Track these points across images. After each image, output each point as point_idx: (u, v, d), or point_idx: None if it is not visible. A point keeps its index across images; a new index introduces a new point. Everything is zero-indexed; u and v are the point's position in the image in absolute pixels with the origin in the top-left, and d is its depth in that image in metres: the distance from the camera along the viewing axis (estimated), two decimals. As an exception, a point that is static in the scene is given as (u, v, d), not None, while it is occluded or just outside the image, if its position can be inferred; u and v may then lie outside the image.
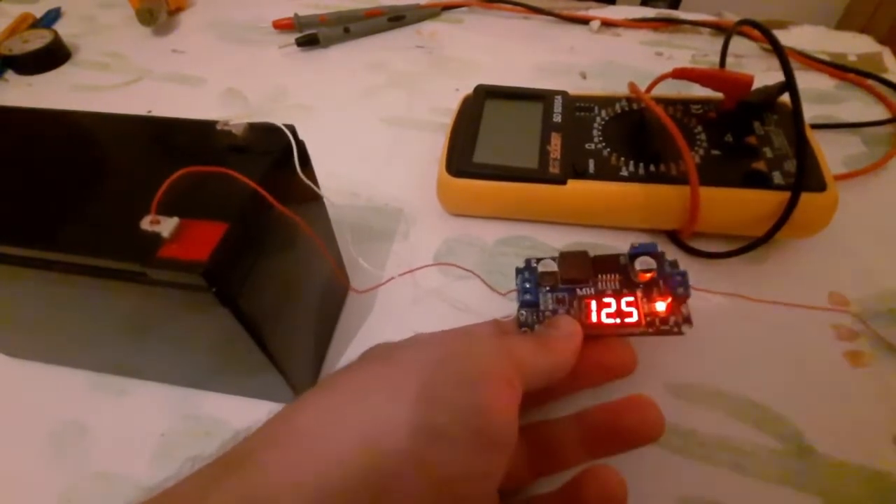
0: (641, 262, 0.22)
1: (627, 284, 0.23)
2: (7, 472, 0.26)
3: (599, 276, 0.23)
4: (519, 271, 0.24)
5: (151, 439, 0.26)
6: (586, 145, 0.33)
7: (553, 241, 0.33)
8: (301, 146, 0.22)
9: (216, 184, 0.19)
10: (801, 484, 0.23)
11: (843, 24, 1.05)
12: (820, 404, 0.25)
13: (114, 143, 0.23)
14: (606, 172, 0.31)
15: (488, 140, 0.34)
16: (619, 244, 0.32)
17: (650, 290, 0.22)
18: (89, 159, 0.22)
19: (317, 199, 0.26)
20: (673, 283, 0.22)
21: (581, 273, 0.23)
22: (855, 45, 0.46)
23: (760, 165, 0.29)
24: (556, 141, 0.33)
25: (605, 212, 0.32)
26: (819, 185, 0.28)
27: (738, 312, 0.29)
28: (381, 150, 0.40)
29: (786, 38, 0.45)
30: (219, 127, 0.22)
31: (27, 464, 0.26)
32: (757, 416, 0.25)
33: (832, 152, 0.32)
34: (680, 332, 0.22)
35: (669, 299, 0.22)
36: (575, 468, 0.21)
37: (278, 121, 0.22)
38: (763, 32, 0.30)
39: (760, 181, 0.29)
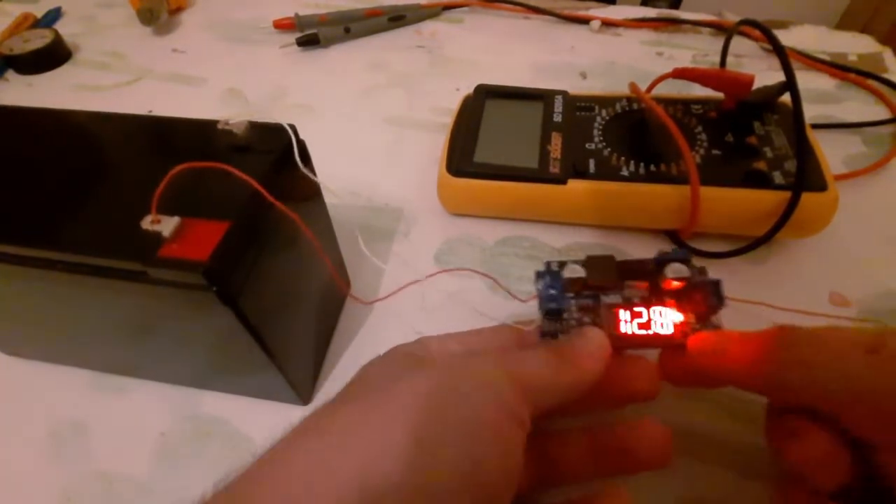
0: (674, 270, 0.20)
1: (656, 293, 0.21)
2: (7, 471, 0.26)
3: (626, 282, 0.22)
4: (540, 275, 0.22)
5: (151, 439, 0.26)
6: (587, 145, 0.33)
7: (553, 241, 0.33)
8: (301, 145, 0.22)
9: (217, 183, 0.19)
10: (801, 484, 0.23)
11: (844, 24, 1.05)
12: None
13: (114, 143, 0.23)
14: (607, 172, 0.31)
15: (489, 140, 0.34)
16: (619, 244, 0.32)
17: (680, 298, 0.21)
18: (90, 159, 0.22)
19: (317, 198, 0.26)
20: (706, 291, 0.21)
21: (608, 279, 0.21)
22: (855, 45, 0.46)
23: (761, 165, 0.29)
24: (556, 141, 0.33)
25: (606, 211, 0.32)
26: (819, 185, 0.28)
27: (738, 312, 0.28)
28: (381, 150, 0.40)
29: (786, 37, 0.45)
30: (219, 126, 0.22)
31: (27, 463, 0.26)
32: (757, 416, 0.25)
33: (832, 152, 0.32)
34: None
35: (701, 309, 0.21)
36: (579, 481, 0.21)
37: (279, 120, 0.22)
38: (763, 32, 0.30)
39: (761, 181, 0.29)
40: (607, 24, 0.50)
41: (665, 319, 0.21)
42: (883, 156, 0.36)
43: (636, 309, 0.21)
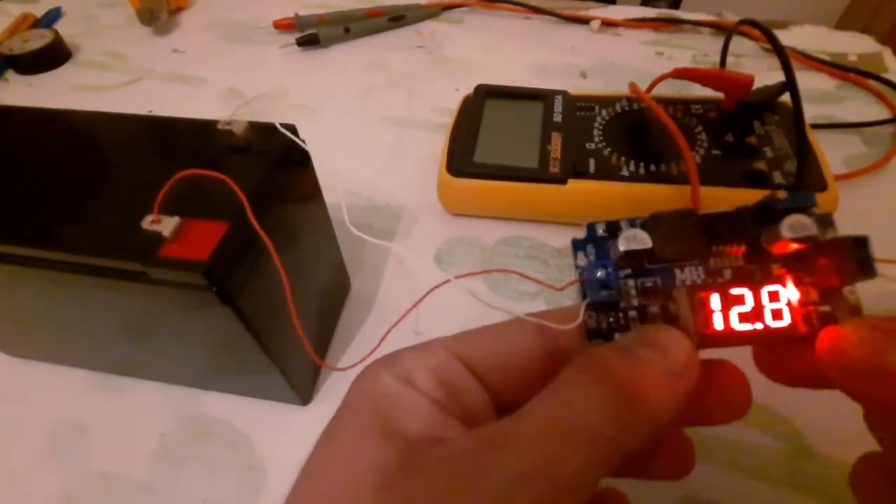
0: (794, 226, 0.13)
1: (759, 258, 0.14)
2: (7, 472, 0.26)
3: (711, 248, 0.14)
4: (578, 246, 0.16)
5: (151, 439, 0.26)
6: (587, 145, 0.33)
7: (553, 241, 0.33)
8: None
9: (217, 183, 0.19)
10: (801, 484, 0.23)
11: (844, 23, 1.05)
12: (820, 404, 0.25)
13: (114, 143, 0.23)
14: (607, 172, 0.31)
15: (488, 140, 0.34)
16: (619, 244, 0.32)
17: (796, 266, 0.14)
18: (90, 159, 0.22)
19: (317, 198, 0.26)
20: (840, 255, 0.14)
21: (690, 247, 0.14)
22: (855, 45, 0.46)
23: (761, 165, 0.29)
24: (556, 140, 0.33)
25: (606, 211, 0.32)
26: (819, 185, 0.28)
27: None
28: (381, 150, 0.40)
29: (786, 37, 0.45)
30: (219, 127, 0.22)
31: (27, 463, 0.26)
32: (757, 416, 0.25)
33: (832, 152, 0.32)
34: None
35: (829, 282, 0.14)
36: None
37: (278, 121, 0.22)
38: (763, 32, 0.30)
39: (761, 181, 0.29)
40: (607, 24, 0.50)
41: (781, 304, 0.14)
42: (883, 156, 0.36)
43: (734, 291, 0.14)
